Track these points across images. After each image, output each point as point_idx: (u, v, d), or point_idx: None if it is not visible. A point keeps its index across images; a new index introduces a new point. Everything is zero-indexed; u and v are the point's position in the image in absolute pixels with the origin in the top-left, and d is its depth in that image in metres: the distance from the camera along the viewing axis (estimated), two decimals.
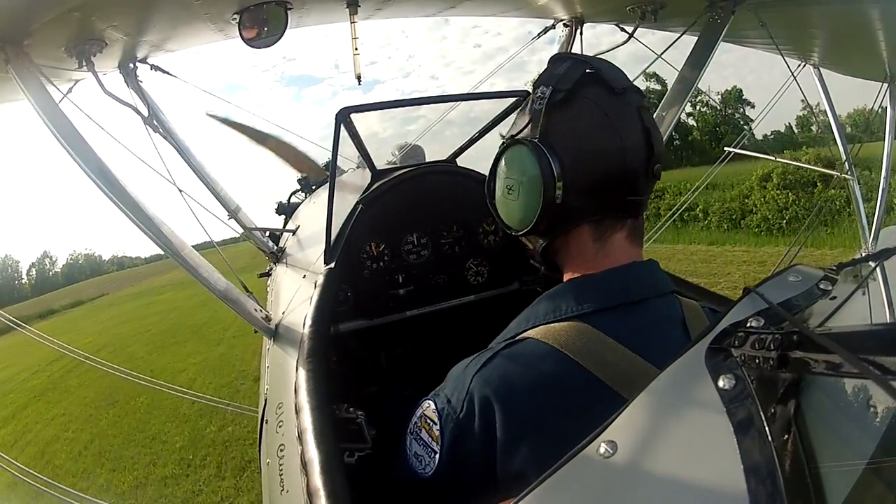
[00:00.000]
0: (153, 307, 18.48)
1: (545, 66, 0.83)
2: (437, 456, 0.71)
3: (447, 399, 0.72)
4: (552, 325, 0.74)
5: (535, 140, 0.77)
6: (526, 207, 0.80)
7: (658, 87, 24.47)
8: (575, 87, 0.77)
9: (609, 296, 0.75)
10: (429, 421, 0.73)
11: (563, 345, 0.70)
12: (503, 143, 0.84)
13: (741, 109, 29.24)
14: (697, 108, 30.01)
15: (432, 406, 0.74)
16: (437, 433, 0.71)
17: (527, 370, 0.69)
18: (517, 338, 0.75)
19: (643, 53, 2.47)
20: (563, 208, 0.76)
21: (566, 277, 0.83)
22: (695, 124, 29.71)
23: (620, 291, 0.76)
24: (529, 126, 0.79)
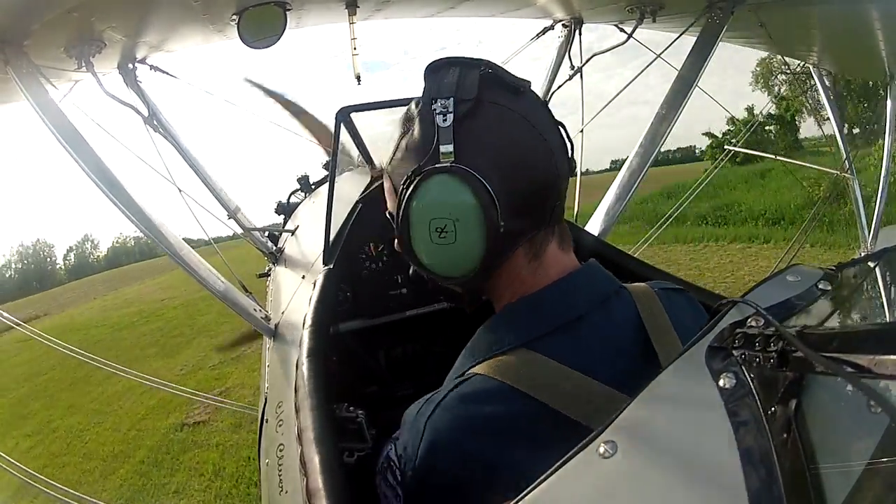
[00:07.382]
0: None
1: (427, 79, 0.71)
2: (401, 501, 0.68)
3: (404, 447, 0.69)
4: (497, 358, 0.69)
5: (456, 164, 0.67)
6: (469, 247, 0.69)
7: None
8: (479, 94, 0.68)
9: (548, 318, 0.70)
10: (392, 464, 0.70)
11: (511, 378, 0.65)
12: (410, 177, 0.70)
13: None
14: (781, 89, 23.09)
15: (393, 450, 0.70)
16: (400, 477, 0.68)
17: (478, 411, 0.66)
18: (465, 375, 0.70)
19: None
20: (504, 236, 0.68)
21: (503, 303, 0.77)
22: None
23: (559, 312, 0.71)
24: (433, 150, 0.67)
